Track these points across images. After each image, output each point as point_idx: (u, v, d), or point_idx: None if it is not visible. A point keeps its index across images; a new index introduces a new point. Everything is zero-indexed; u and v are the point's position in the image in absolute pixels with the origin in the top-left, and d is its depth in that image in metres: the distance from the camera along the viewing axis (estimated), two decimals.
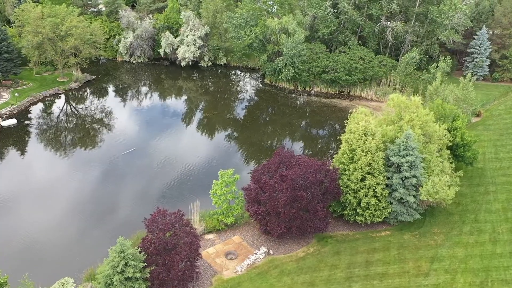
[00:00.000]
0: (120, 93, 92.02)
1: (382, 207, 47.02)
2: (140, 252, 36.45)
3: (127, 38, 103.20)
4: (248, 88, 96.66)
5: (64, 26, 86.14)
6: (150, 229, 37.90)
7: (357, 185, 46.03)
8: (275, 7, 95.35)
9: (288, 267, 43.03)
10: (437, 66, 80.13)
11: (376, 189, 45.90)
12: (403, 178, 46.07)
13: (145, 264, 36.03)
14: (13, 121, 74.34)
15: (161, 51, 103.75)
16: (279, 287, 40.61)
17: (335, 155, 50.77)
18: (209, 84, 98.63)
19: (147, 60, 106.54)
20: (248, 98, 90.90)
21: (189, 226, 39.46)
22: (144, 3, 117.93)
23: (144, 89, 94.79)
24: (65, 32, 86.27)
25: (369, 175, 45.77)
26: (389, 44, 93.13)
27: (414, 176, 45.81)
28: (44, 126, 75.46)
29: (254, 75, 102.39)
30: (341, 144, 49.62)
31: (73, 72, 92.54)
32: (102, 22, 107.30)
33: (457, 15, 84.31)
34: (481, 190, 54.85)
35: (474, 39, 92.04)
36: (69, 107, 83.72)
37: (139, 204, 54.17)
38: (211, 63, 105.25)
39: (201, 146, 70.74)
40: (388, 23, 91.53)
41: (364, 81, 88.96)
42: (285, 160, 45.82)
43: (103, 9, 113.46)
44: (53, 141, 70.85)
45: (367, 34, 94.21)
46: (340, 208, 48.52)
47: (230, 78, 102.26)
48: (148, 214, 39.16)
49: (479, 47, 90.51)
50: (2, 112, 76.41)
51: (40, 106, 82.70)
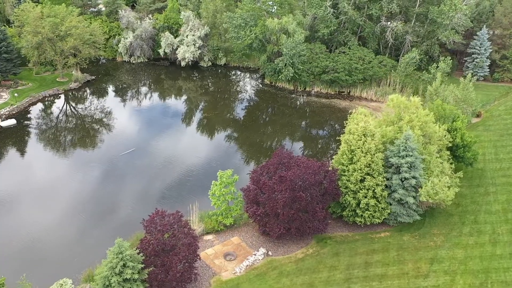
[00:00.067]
0: (120, 93, 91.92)
1: (382, 208, 46.91)
2: (138, 253, 36.37)
3: (127, 38, 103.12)
4: (248, 89, 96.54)
5: (64, 26, 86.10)
6: (148, 230, 37.79)
7: (357, 186, 45.92)
8: (275, 7, 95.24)
9: (287, 268, 42.90)
10: (437, 66, 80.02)
11: (375, 190, 45.81)
12: (403, 179, 45.94)
13: (143, 265, 35.88)
14: (12, 122, 74.26)
15: (161, 51, 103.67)
16: None
17: (334, 156, 50.67)
18: (209, 84, 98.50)
19: (147, 60, 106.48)
20: (248, 99, 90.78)
21: (188, 227, 39.38)
22: (144, 3, 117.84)
23: (143, 89, 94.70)
24: (65, 32, 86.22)
25: (368, 176, 45.66)
26: (389, 44, 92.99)
27: (414, 177, 45.71)
28: (43, 127, 75.37)
29: (254, 76, 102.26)
30: (340, 144, 49.51)
31: (72, 72, 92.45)
32: (102, 22, 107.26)
33: (457, 15, 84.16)
34: (481, 191, 54.71)
35: (474, 39, 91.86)
36: (68, 108, 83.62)
37: (137, 205, 54.09)
38: (211, 63, 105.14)
39: (200, 147, 70.62)
40: (388, 23, 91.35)
41: (364, 82, 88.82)
42: (284, 161, 45.71)
43: (103, 9, 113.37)
44: (52, 142, 70.75)
45: (367, 35, 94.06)
46: (340, 209, 48.42)
47: (230, 78, 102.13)
48: (147, 215, 39.06)
49: (480, 47, 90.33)
50: (2, 112, 76.33)
51: (39, 106, 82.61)
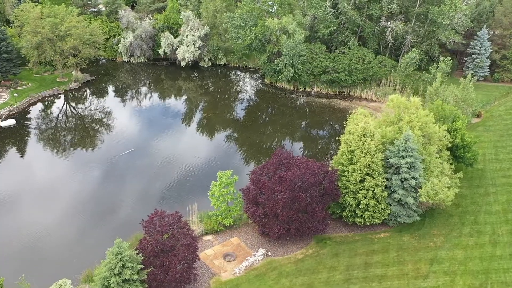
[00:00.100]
0: (120, 93, 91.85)
1: (381, 208, 46.84)
2: (137, 254, 36.33)
3: (126, 38, 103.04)
4: (247, 89, 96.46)
5: (64, 26, 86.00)
6: (147, 231, 37.74)
7: (356, 187, 45.85)
8: (275, 7, 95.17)
9: (286, 269, 42.83)
10: (437, 66, 79.93)
11: (375, 191, 45.73)
12: (403, 180, 45.86)
13: (142, 266, 35.85)
14: (12, 122, 74.18)
15: (161, 51, 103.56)
16: None
17: (334, 156, 50.59)
18: (209, 84, 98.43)
19: (146, 60, 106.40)
20: (248, 99, 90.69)
21: (187, 227, 39.31)
22: (143, 3, 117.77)
23: (143, 89, 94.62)
24: (65, 32, 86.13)
25: (368, 176, 45.58)
26: (389, 44, 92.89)
27: (414, 178, 45.62)
28: (43, 127, 75.29)
29: (253, 76, 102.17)
30: (340, 145, 49.43)
31: (72, 72, 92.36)
32: (101, 22, 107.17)
33: (458, 15, 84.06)
34: (481, 192, 54.62)
35: (474, 39, 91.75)
36: (68, 108, 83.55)
37: (137, 205, 54.04)
38: (210, 64, 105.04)
39: (200, 147, 70.55)
40: (388, 23, 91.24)
41: (364, 82, 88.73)
42: (284, 161, 45.65)
43: (103, 9, 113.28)
44: (52, 142, 70.67)
45: (367, 35, 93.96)
46: (339, 210, 48.36)
47: (230, 78, 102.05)
48: (146, 215, 39.01)
49: (480, 47, 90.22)
50: (1, 112, 76.25)
51: (39, 106, 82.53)
